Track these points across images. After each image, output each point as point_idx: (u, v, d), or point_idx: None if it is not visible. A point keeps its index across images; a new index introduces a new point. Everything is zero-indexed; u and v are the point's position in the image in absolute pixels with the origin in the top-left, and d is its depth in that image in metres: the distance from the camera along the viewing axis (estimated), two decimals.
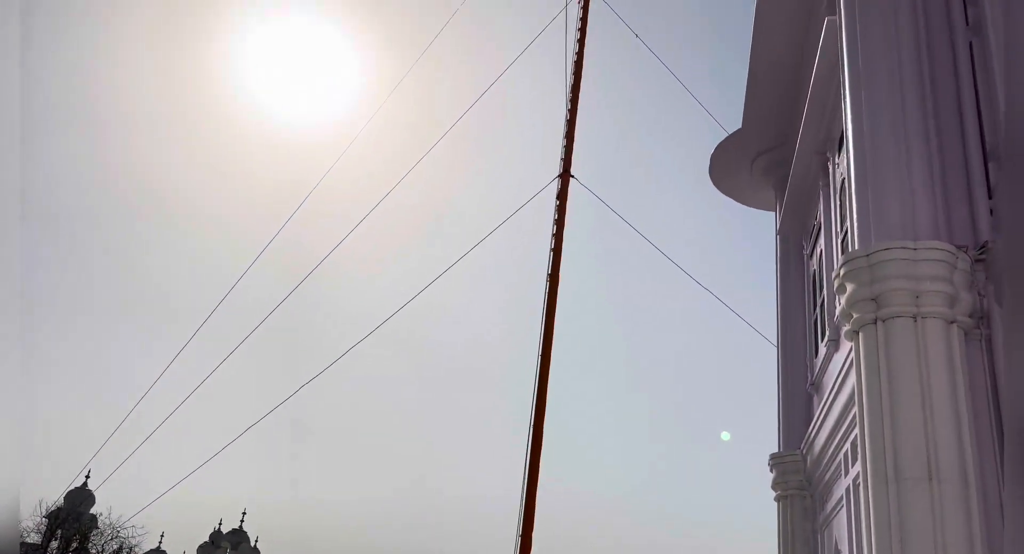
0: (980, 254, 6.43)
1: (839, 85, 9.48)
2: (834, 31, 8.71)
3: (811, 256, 11.61)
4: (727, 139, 13.13)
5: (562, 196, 13.69)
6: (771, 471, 11.17)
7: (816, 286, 11.17)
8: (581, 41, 15.81)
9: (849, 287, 6.62)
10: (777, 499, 11.04)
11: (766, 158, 13.10)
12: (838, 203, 9.74)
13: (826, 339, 9.76)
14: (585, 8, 16.29)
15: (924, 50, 7.48)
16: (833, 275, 6.95)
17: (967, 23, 7.61)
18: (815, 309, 11.17)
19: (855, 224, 7.01)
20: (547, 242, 13.38)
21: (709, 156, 13.75)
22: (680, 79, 17.29)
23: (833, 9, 8.81)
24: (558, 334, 12.04)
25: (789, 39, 10.97)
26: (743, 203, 14.32)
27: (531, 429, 11.14)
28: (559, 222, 13.49)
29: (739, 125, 13.04)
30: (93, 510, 44.42)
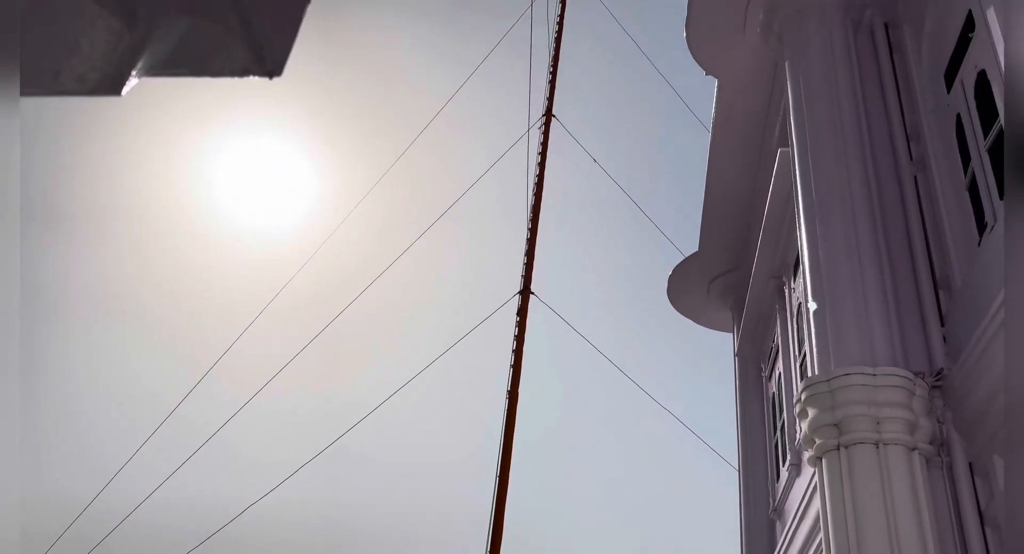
0: (937, 381, 6.53)
1: (793, 213, 9.83)
2: (787, 162, 9.10)
3: (769, 379, 11.71)
4: (684, 261, 13.42)
5: (522, 313, 13.79)
6: None
7: (776, 409, 11.21)
8: (542, 164, 16.31)
9: (811, 412, 6.64)
10: None
11: (723, 281, 13.38)
12: (795, 327, 9.91)
13: (787, 464, 9.71)
14: (546, 133, 16.92)
15: (873, 182, 7.82)
16: (794, 400, 6.98)
17: (911, 158, 8.01)
18: (775, 433, 11.16)
19: (814, 350, 7.11)
20: (507, 358, 13.36)
21: (667, 277, 14.02)
22: (637, 203, 17.80)
23: (785, 141, 9.24)
24: (516, 451, 11.85)
25: (742, 167, 11.43)
26: (701, 324, 14.50)
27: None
28: (519, 338, 13.52)
29: (696, 247, 13.38)
30: None
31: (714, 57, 10.03)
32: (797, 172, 8.28)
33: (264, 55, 0.99)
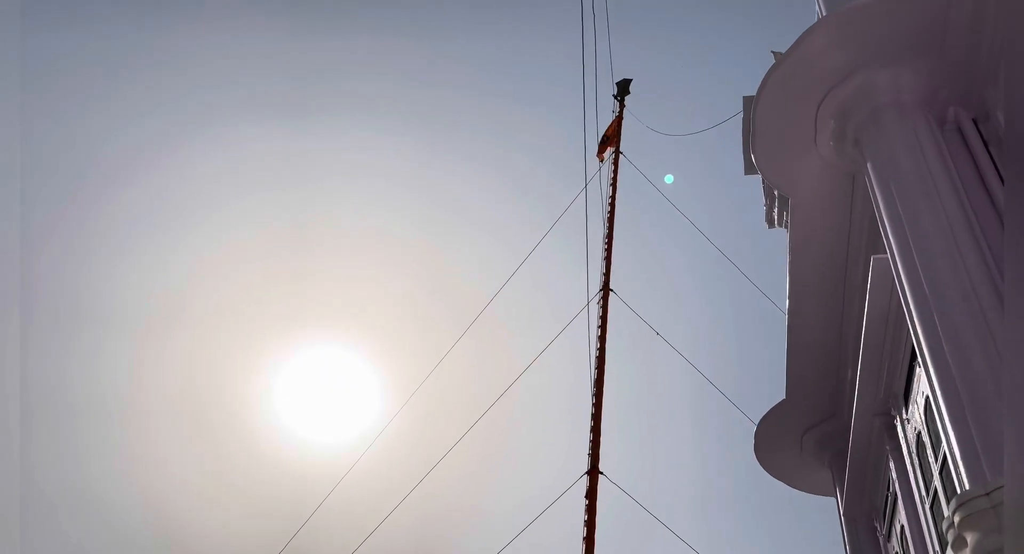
0: None
1: (894, 336, 8.68)
2: (884, 270, 8.09)
3: (889, 537, 9.98)
4: (771, 412, 12.06)
5: (591, 494, 12.46)
6: None
7: None
8: (602, 337, 15.43)
9: (971, 539, 5.24)
10: None
11: (816, 432, 11.93)
12: (916, 464, 8.45)
13: None
14: (605, 307, 16.19)
15: (996, 275, 6.76)
16: (945, 524, 5.55)
17: None
18: None
19: (960, 463, 5.78)
20: (579, 543, 11.97)
21: (739, 448, 12.63)
22: (703, 372, 16.65)
23: (875, 246, 8.26)
24: None
25: (826, 292, 10.30)
26: (796, 487, 12.88)
27: None
28: (589, 523, 12.12)
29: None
30: None
31: (785, 173, 9.33)
32: (903, 276, 7.24)
33: None
